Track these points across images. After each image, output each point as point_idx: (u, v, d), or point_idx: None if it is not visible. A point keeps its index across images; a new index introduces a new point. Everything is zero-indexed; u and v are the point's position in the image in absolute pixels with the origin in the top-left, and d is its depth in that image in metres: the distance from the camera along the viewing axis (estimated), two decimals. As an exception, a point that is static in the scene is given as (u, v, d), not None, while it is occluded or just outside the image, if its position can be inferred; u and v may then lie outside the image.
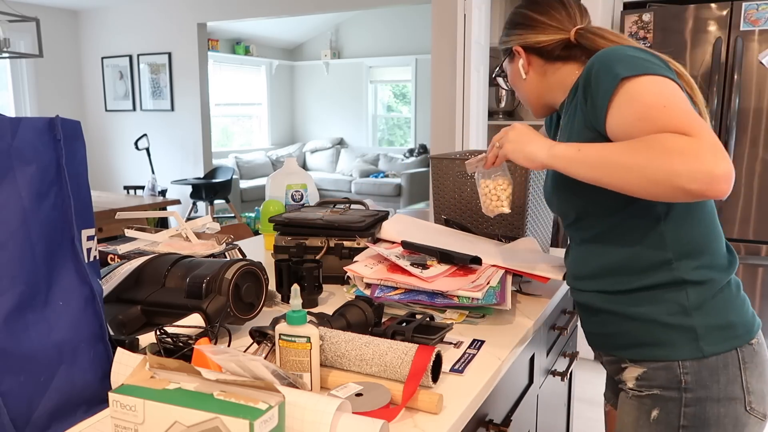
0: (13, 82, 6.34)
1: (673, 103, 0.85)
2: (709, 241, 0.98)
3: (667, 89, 0.87)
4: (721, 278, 0.98)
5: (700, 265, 0.97)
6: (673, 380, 0.97)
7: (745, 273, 2.84)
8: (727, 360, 0.96)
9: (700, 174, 0.78)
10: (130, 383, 0.60)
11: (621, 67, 0.90)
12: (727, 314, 0.97)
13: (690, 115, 0.84)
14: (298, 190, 1.80)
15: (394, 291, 1.18)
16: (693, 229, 0.97)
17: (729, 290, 0.99)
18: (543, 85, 1.13)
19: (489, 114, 3.98)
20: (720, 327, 0.96)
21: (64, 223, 0.76)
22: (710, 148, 0.79)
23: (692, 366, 0.96)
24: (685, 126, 0.82)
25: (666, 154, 0.81)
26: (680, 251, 0.97)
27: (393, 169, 8.05)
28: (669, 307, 0.97)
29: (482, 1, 3.40)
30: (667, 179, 0.81)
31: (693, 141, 0.80)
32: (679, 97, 0.87)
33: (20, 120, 0.72)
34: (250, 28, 7.94)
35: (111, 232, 3.51)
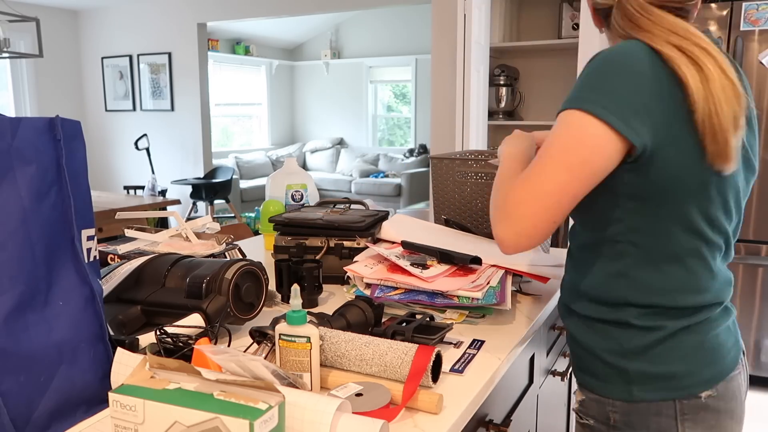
0: (13, 82, 6.35)
1: (541, 159, 0.86)
2: (675, 296, 0.90)
3: (566, 138, 0.84)
4: (675, 326, 0.91)
5: (650, 312, 0.91)
6: (603, 415, 0.96)
7: (745, 273, 2.85)
8: (660, 409, 0.91)
9: (492, 229, 0.90)
10: (130, 383, 0.60)
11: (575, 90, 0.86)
12: (671, 364, 0.91)
13: (530, 178, 0.85)
14: (298, 190, 1.80)
15: (394, 291, 1.18)
16: (656, 277, 0.90)
17: (685, 338, 0.91)
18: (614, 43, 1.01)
19: (489, 114, 3.98)
20: (657, 376, 0.91)
21: (64, 223, 0.76)
22: (503, 214, 0.87)
23: (621, 406, 0.94)
24: (515, 186, 0.87)
25: (494, 201, 0.92)
26: (635, 299, 0.91)
27: (393, 169, 8.05)
28: (609, 344, 0.94)
29: (482, 1, 3.41)
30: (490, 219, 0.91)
31: (502, 200, 0.88)
32: (563, 148, 0.84)
33: (20, 120, 0.72)
34: (250, 28, 7.94)
35: (111, 232, 3.51)
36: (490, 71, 3.87)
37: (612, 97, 0.83)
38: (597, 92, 0.84)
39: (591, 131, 0.83)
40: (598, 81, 0.85)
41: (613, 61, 0.85)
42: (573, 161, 0.83)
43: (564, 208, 0.86)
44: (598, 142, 0.83)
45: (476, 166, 1.58)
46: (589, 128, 0.83)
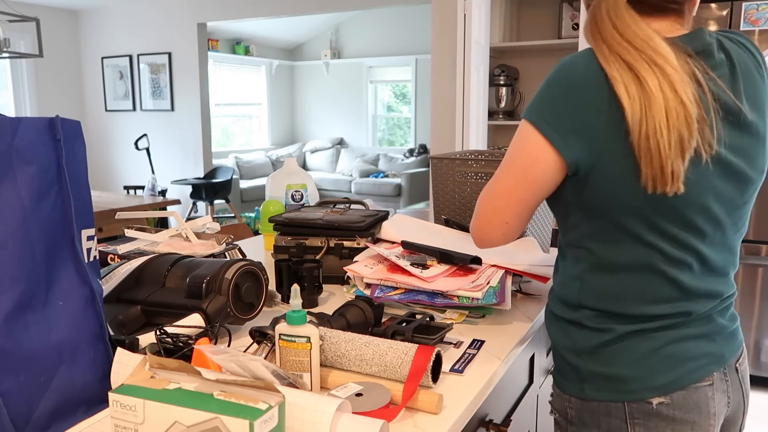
0: (13, 82, 6.35)
1: (503, 161, 0.94)
2: (626, 299, 0.90)
3: (515, 145, 0.92)
4: (625, 330, 0.90)
5: (601, 314, 0.92)
6: (563, 410, 1.00)
7: (745, 273, 2.85)
8: (610, 409, 0.92)
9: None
10: (130, 383, 0.60)
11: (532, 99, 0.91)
12: (620, 366, 0.91)
13: (494, 178, 0.95)
14: (298, 190, 1.80)
15: (394, 291, 1.18)
16: (607, 284, 0.91)
17: (635, 342, 0.90)
18: None
19: (489, 114, 3.98)
20: (605, 376, 0.92)
21: (64, 223, 0.76)
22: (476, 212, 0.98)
23: (576, 403, 0.97)
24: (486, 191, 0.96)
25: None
26: (587, 302, 0.93)
27: (393, 169, 8.05)
28: (567, 341, 0.98)
29: (482, 1, 3.41)
30: None
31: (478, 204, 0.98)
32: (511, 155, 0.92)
33: (20, 120, 0.72)
34: (250, 28, 7.94)
35: (111, 232, 3.51)
36: (490, 71, 3.87)
37: (555, 113, 0.86)
38: (544, 105, 0.88)
39: (532, 142, 0.89)
40: (547, 93, 0.88)
41: (561, 74, 0.87)
42: (517, 168, 0.91)
43: (513, 211, 0.93)
44: (537, 154, 0.88)
45: (476, 166, 1.58)
46: (531, 139, 0.89)
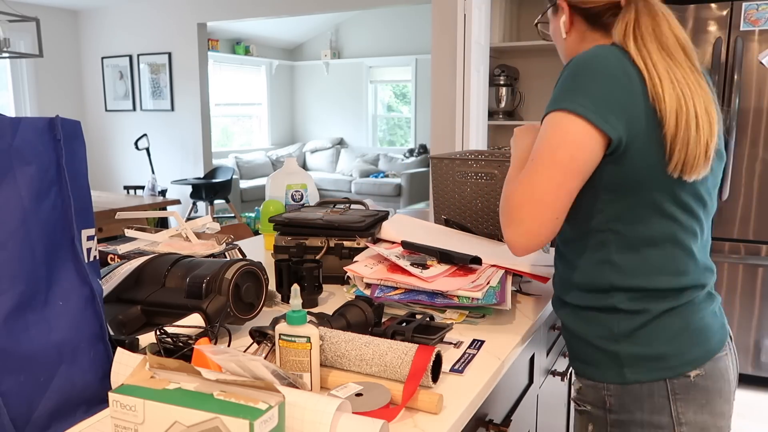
0: (13, 82, 6.35)
1: (537, 155, 0.91)
2: (657, 279, 0.95)
3: (552, 138, 0.90)
4: (658, 309, 0.95)
5: (636, 296, 0.95)
6: (599, 400, 1.00)
7: (745, 273, 2.85)
8: (653, 389, 0.95)
9: (502, 234, 0.96)
10: (130, 383, 0.60)
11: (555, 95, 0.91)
12: (659, 345, 0.95)
13: (533, 174, 0.90)
14: (298, 190, 1.80)
15: (394, 291, 1.18)
16: (638, 267, 0.95)
17: (669, 320, 0.95)
18: (579, 50, 1.04)
19: (489, 114, 3.98)
20: (646, 357, 0.95)
21: (64, 223, 0.76)
22: (508, 216, 0.93)
23: (615, 389, 0.98)
24: (514, 187, 0.93)
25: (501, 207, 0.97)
26: (619, 283, 0.96)
27: (393, 169, 8.05)
28: (600, 330, 0.98)
29: (482, 1, 3.41)
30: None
31: (506, 204, 0.94)
32: (553, 149, 0.89)
33: (20, 120, 0.72)
34: (250, 28, 7.94)
35: (111, 232, 3.51)
36: (490, 71, 3.87)
37: (589, 97, 0.88)
38: (575, 93, 0.89)
39: (573, 128, 0.88)
40: (575, 84, 0.90)
41: (587, 65, 0.90)
42: (562, 158, 0.89)
43: (563, 204, 0.91)
44: (581, 139, 0.88)
45: (476, 166, 1.58)
46: (571, 126, 0.88)
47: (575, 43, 1.05)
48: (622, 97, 0.88)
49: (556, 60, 3.99)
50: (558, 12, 1.06)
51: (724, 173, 2.77)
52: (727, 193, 2.79)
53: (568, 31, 1.05)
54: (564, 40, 1.07)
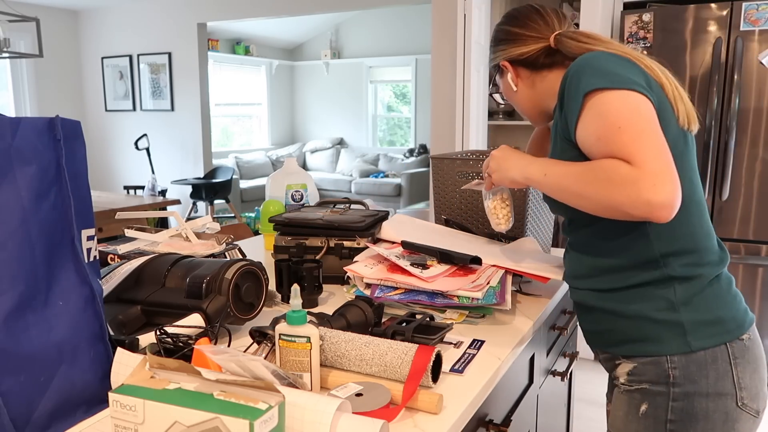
0: (13, 82, 6.35)
1: (628, 125, 0.89)
2: (697, 238, 0.99)
3: (627, 107, 0.90)
4: (710, 273, 0.99)
5: (687, 261, 0.98)
6: (662, 375, 0.99)
7: (745, 273, 2.84)
8: (716, 355, 0.97)
9: (639, 202, 0.86)
10: (130, 383, 0.60)
11: (587, 80, 0.93)
12: (716, 309, 0.98)
13: (642, 138, 0.88)
14: (298, 190, 1.80)
15: (394, 291, 1.18)
16: (680, 228, 0.98)
17: (719, 285, 1.00)
18: (534, 94, 1.16)
19: (489, 114, 3.98)
20: (708, 322, 0.97)
21: (64, 223, 0.76)
22: (650, 176, 0.85)
23: (680, 360, 0.98)
24: (633, 152, 0.87)
25: (610, 186, 0.88)
26: (667, 249, 0.98)
27: (393, 169, 8.05)
28: (657, 303, 0.99)
29: (482, 1, 3.41)
30: (613, 207, 0.89)
31: (633, 171, 0.86)
32: (637, 115, 0.89)
33: (20, 120, 0.72)
34: (250, 28, 7.94)
35: (111, 232, 3.51)
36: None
37: (616, 75, 0.92)
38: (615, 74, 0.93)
39: (635, 99, 0.90)
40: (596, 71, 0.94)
41: (592, 59, 0.96)
42: (649, 121, 0.89)
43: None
44: (647, 107, 0.91)
45: (477, 166, 1.58)
46: (630, 96, 0.90)
47: (526, 90, 1.16)
48: (638, 73, 0.95)
49: (556, 60, 3.98)
50: (503, 73, 1.18)
51: (724, 173, 2.77)
52: (727, 193, 2.80)
53: (517, 84, 1.17)
54: (517, 94, 1.18)
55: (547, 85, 1.13)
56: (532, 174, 1.04)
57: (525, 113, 1.22)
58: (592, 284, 1.06)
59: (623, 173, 0.87)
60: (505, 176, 1.12)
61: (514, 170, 1.09)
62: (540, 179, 1.02)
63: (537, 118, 1.21)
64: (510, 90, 1.19)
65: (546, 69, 1.12)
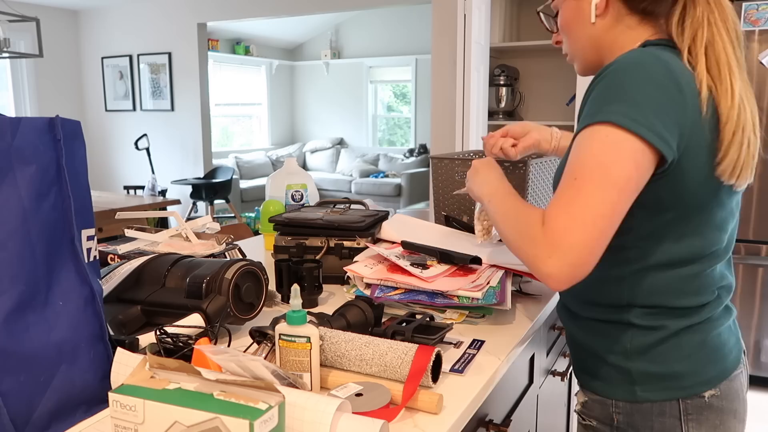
0: (13, 82, 6.35)
1: (581, 181, 0.80)
2: (680, 296, 0.90)
3: (600, 158, 0.79)
4: (678, 325, 0.90)
5: (653, 312, 0.90)
6: (607, 416, 0.96)
7: (745, 273, 2.84)
8: (664, 409, 0.91)
9: (533, 267, 0.83)
10: (130, 383, 0.60)
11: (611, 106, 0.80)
12: (675, 363, 0.90)
13: (579, 202, 0.79)
14: (298, 190, 1.80)
15: (394, 291, 1.18)
16: (662, 285, 0.90)
17: (689, 338, 0.90)
18: (607, 38, 0.94)
19: (489, 114, 3.98)
20: (660, 375, 0.90)
21: (64, 223, 0.76)
22: (548, 246, 0.80)
23: (625, 407, 0.93)
24: (556, 214, 0.80)
25: (520, 239, 0.86)
26: (637, 301, 0.91)
27: (393, 169, 8.05)
28: (612, 344, 0.94)
29: (482, 1, 3.41)
30: (520, 258, 0.87)
31: (540, 233, 0.81)
32: (601, 175, 0.79)
33: (20, 120, 0.72)
34: (250, 28, 7.94)
35: (111, 232, 3.51)
36: (490, 71, 3.87)
37: (640, 110, 0.79)
38: (623, 105, 0.80)
39: (628, 145, 0.79)
40: (621, 94, 0.81)
41: (631, 74, 0.81)
42: (618, 178, 0.79)
43: (615, 229, 0.81)
44: (637, 156, 0.79)
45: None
46: (626, 143, 0.79)
47: (605, 29, 0.94)
48: (672, 110, 0.80)
49: (556, 60, 3.99)
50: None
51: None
52: (727, 193, 2.80)
53: (600, 14, 0.93)
54: (590, 27, 0.94)
55: (626, 38, 0.93)
56: (483, 194, 1.02)
57: (578, 55, 1.00)
58: (567, 302, 1.03)
59: (532, 233, 0.83)
60: (470, 187, 1.10)
61: (476, 185, 1.07)
62: (485, 203, 1.01)
63: (586, 65, 1.01)
64: (579, 18, 0.95)
65: (642, 16, 0.91)
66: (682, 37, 0.87)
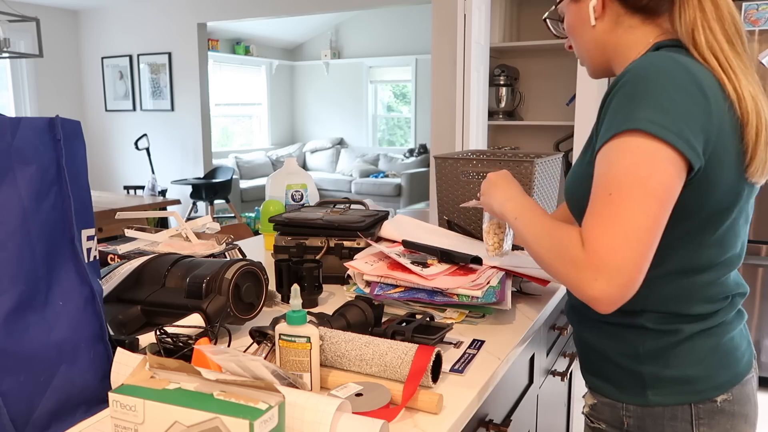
0: (13, 82, 6.35)
1: (617, 197, 0.77)
2: (693, 299, 0.89)
3: (636, 172, 0.76)
4: (692, 330, 0.89)
5: (667, 317, 0.89)
6: (617, 420, 0.95)
7: (745, 273, 2.85)
8: (676, 413, 0.90)
9: (577, 290, 0.79)
10: (130, 383, 0.60)
11: (638, 111, 0.77)
12: (688, 367, 0.89)
13: (617, 220, 0.76)
14: (298, 190, 1.80)
15: (393, 289, 1.18)
16: (675, 288, 0.89)
17: (702, 342, 0.89)
18: (611, 40, 0.93)
19: (489, 114, 3.98)
20: (673, 379, 0.89)
21: (64, 223, 0.76)
22: (593, 269, 0.76)
23: (636, 411, 0.92)
24: (596, 235, 0.77)
25: (558, 261, 0.82)
26: (651, 307, 0.90)
27: (393, 169, 8.05)
28: (624, 347, 0.92)
29: (482, 1, 3.40)
30: (560, 280, 0.83)
31: (582, 256, 0.78)
32: (639, 188, 0.76)
33: (20, 120, 0.72)
34: (250, 28, 7.94)
35: (111, 232, 3.51)
36: (490, 71, 3.87)
37: (668, 117, 0.77)
38: (650, 112, 0.77)
39: (661, 154, 0.76)
40: (646, 101, 0.78)
41: (654, 80, 0.79)
42: (656, 190, 0.76)
43: (657, 241, 0.78)
44: (671, 166, 0.77)
45: (480, 166, 1.58)
46: (659, 152, 0.76)
47: (606, 31, 0.93)
48: (699, 116, 0.78)
49: (556, 60, 3.99)
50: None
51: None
52: (727, 193, 2.80)
53: (599, 16, 0.92)
54: (589, 30, 0.94)
55: (630, 38, 0.91)
56: (507, 211, 0.98)
57: (586, 58, 0.99)
58: (576, 302, 1.01)
59: (573, 255, 0.79)
60: (487, 202, 1.07)
61: (495, 199, 1.03)
62: (511, 221, 0.96)
63: (596, 67, 0.99)
64: (581, 22, 0.95)
65: (643, 15, 0.90)
66: (685, 39, 0.86)
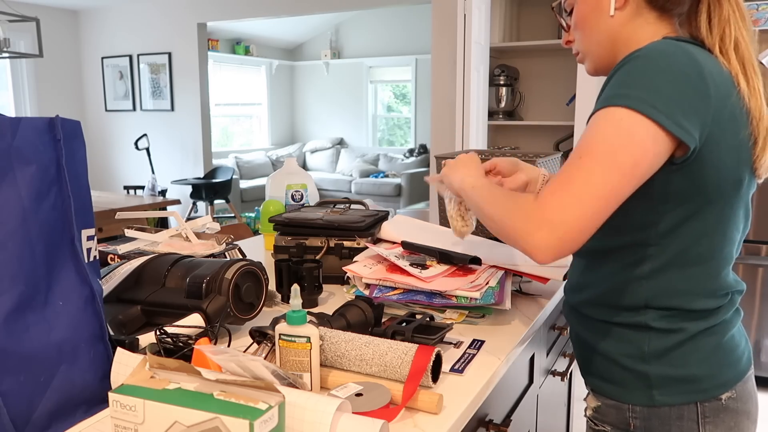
0: (13, 82, 6.35)
1: (587, 161, 0.79)
2: (697, 298, 0.89)
3: (611, 140, 0.79)
4: (696, 328, 0.89)
5: (671, 314, 0.89)
6: (623, 421, 0.94)
7: (745, 273, 2.85)
8: (682, 412, 0.90)
9: (520, 239, 0.81)
10: (130, 383, 0.60)
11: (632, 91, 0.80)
12: (693, 366, 0.89)
13: (578, 179, 0.79)
14: (298, 190, 1.80)
15: (392, 291, 1.18)
16: (681, 285, 0.89)
17: (706, 341, 0.90)
18: (625, 32, 0.92)
19: (489, 114, 3.98)
20: (678, 379, 0.90)
21: (64, 223, 0.76)
22: (540, 218, 0.79)
23: (642, 412, 0.92)
24: (553, 190, 0.80)
25: (511, 213, 0.84)
26: (655, 302, 0.90)
27: (393, 169, 8.05)
28: (629, 348, 0.92)
29: (482, 1, 3.41)
30: (507, 233, 0.84)
31: (533, 207, 0.81)
32: (607, 155, 0.78)
33: (20, 120, 0.72)
34: (250, 28, 7.94)
35: (111, 232, 3.51)
36: (490, 71, 3.87)
37: (659, 96, 0.79)
38: (643, 90, 0.79)
39: (640, 130, 0.78)
40: (641, 80, 0.80)
41: (654, 61, 0.81)
42: (624, 162, 0.78)
43: (610, 212, 0.80)
44: (648, 144, 0.78)
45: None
46: (638, 127, 0.78)
47: (623, 23, 0.92)
48: (694, 99, 0.79)
49: (556, 60, 3.99)
50: None
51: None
52: (727, 193, 2.80)
53: (620, 6, 0.91)
54: (608, 20, 0.93)
55: (643, 33, 0.91)
56: (466, 184, 0.99)
57: (593, 51, 0.97)
58: (576, 303, 1.02)
59: (525, 207, 0.82)
60: (449, 180, 1.06)
61: (457, 175, 1.03)
62: (468, 190, 0.97)
63: (599, 62, 0.98)
64: (598, 11, 0.93)
65: (660, 12, 0.90)
66: (711, 35, 0.87)
